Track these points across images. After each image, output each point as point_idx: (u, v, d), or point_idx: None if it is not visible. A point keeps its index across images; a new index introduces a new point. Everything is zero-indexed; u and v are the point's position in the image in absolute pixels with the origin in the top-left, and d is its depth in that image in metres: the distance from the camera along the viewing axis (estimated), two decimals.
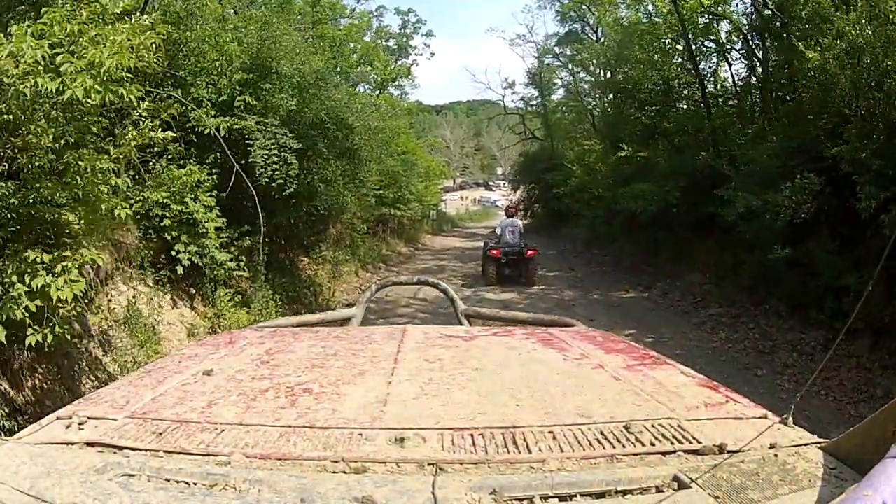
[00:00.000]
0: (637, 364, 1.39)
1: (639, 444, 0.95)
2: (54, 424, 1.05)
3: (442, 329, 1.85)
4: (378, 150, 10.21)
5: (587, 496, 0.81)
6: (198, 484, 0.82)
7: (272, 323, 2.31)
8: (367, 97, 14.93)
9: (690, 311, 9.70)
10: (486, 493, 0.80)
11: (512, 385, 1.22)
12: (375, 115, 9.77)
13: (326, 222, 11.30)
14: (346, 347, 1.55)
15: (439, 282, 2.83)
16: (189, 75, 7.43)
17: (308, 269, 10.88)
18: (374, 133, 9.46)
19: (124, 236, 7.61)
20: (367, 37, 21.67)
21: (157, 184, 6.93)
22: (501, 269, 11.49)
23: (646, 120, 14.87)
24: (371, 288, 2.96)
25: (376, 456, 0.91)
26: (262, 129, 7.03)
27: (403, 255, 17.31)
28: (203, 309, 7.81)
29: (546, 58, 26.94)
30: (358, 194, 9.79)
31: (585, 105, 23.75)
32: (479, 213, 39.13)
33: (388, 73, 19.88)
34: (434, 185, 23.03)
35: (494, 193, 50.83)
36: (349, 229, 12.79)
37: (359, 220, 12.84)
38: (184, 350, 1.71)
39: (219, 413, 1.08)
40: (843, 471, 0.86)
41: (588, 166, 20.18)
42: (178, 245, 6.96)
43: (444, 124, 54.10)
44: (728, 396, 1.19)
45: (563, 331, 1.83)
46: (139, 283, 7.49)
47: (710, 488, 0.81)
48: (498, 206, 38.90)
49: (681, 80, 13.95)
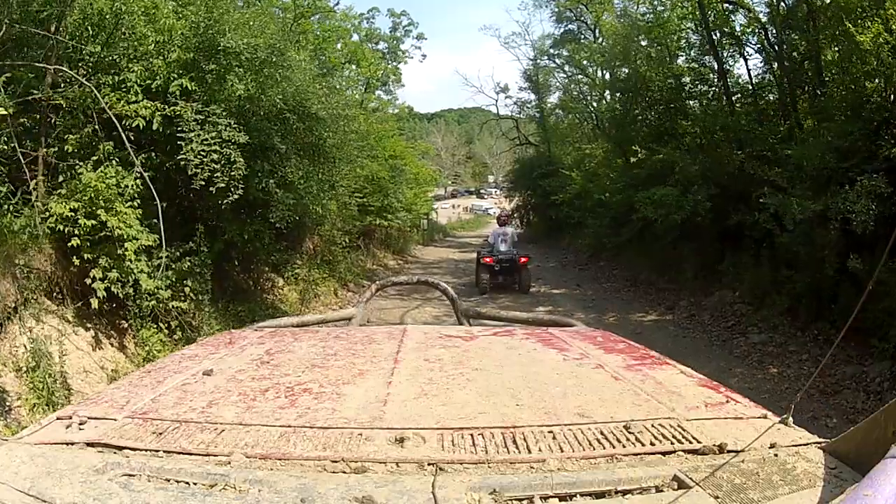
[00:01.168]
0: (637, 364, 1.37)
1: (639, 444, 0.94)
2: (54, 424, 1.05)
3: (442, 329, 1.89)
4: (351, 146, 8.60)
5: (587, 496, 0.80)
6: (198, 484, 0.82)
7: (272, 323, 2.27)
8: (346, 95, 13.40)
9: (728, 339, 8.24)
10: (486, 493, 0.79)
11: (512, 385, 1.21)
12: (344, 106, 8.12)
13: (298, 235, 9.76)
14: (346, 347, 1.54)
15: (439, 282, 2.81)
16: (117, 56, 5.89)
17: (276, 291, 9.31)
18: (345, 124, 7.88)
19: (35, 259, 6.05)
20: (356, 37, 20.37)
21: (70, 192, 5.39)
22: (495, 277, 11.46)
23: (656, 119, 13.57)
24: (371, 288, 2.88)
25: (376, 456, 0.91)
26: (201, 120, 5.48)
27: (391, 268, 15.74)
28: (135, 350, 6.23)
29: (542, 59, 25.65)
30: (325, 200, 8.19)
31: (585, 107, 22.43)
32: (471, 222, 38.19)
33: (375, 72, 18.37)
34: (424, 193, 21.51)
35: (486, 201, 50.22)
36: (329, 242, 11.22)
37: (339, 232, 11.28)
38: (184, 350, 1.67)
39: (219, 413, 1.07)
40: (843, 471, 0.85)
41: (589, 172, 18.90)
42: (95, 270, 5.39)
43: (434, 132, 53.80)
44: (728, 396, 1.18)
45: (563, 331, 1.82)
46: (55, 319, 5.92)
47: (710, 488, 0.80)
48: (490, 214, 38.36)
49: (697, 75, 12.59)
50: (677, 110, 13.14)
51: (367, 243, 14.91)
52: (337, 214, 10.67)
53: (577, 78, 23.77)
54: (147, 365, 1.55)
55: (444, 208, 41.01)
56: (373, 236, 15.73)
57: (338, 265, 11.19)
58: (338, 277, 11.11)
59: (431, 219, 28.88)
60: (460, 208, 45.27)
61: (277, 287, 9.66)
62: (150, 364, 1.52)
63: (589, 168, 19.09)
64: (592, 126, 23.06)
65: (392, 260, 17.10)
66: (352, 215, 12.24)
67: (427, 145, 28.06)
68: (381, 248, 17.13)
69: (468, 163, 61.25)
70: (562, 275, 14.55)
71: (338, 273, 11.12)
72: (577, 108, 22.55)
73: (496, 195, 52.70)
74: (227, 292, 7.34)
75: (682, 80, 13.08)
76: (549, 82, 25.51)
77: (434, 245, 25.26)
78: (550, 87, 25.75)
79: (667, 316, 9.58)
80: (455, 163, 58.34)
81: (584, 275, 14.28)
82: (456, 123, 63.88)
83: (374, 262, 15.20)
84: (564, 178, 20.03)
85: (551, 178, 21.83)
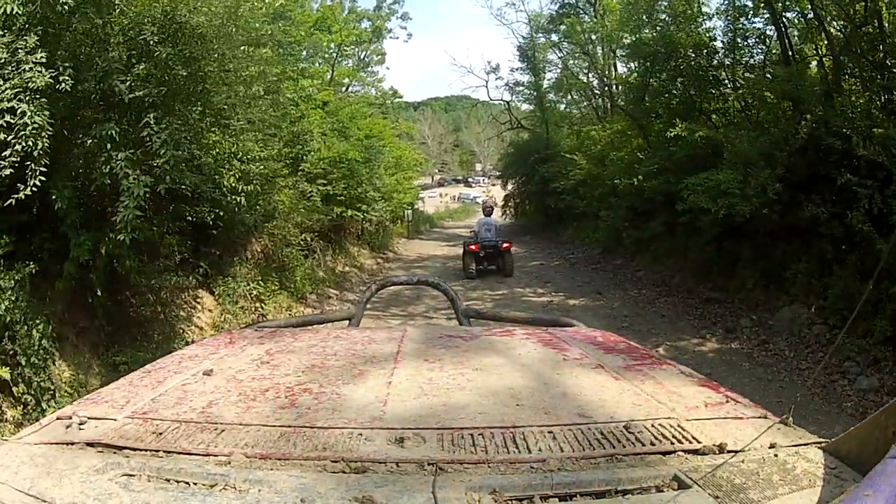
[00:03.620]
0: (637, 364, 1.36)
1: (639, 444, 0.93)
2: (54, 424, 1.04)
3: (442, 329, 1.90)
4: (259, 98, 5.76)
5: (587, 496, 0.80)
6: (198, 484, 0.82)
7: (272, 323, 2.23)
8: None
9: (827, 384, 5.90)
10: (486, 493, 0.79)
11: (512, 385, 1.20)
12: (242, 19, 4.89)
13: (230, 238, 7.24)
14: (346, 347, 1.52)
15: (439, 282, 2.70)
16: None
17: (197, 317, 6.77)
18: (247, 55, 5.11)
19: None
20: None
21: None
22: (480, 262, 12.33)
23: (685, 91, 11.18)
24: (371, 287, 2.75)
25: (376, 456, 0.90)
26: None
27: (368, 270, 13.19)
28: None
29: (538, 36, 22.96)
30: (231, 182, 5.54)
31: (588, 83, 20.01)
32: (459, 211, 36.00)
33: (347, 36, 15.60)
34: (408, 180, 18.92)
35: (475, 190, 48.73)
36: (283, 243, 8.68)
37: (296, 230, 8.73)
38: (184, 350, 1.63)
39: (219, 413, 1.07)
40: (843, 471, 0.85)
41: (596, 155, 16.51)
42: None
43: (421, 119, 53.03)
44: (728, 396, 1.16)
45: (563, 331, 1.80)
46: None
47: (710, 488, 0.80)
48: (479, 202, 36.00)
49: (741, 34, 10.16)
50: (712, 79, 10.79)
51: (338, 240, 12.34)
52: (289, 207, 8.12)
53: (576, 52, 21.21)
54: (147, 365, 1.46)
55: (432, 197, 40.01)
56: (346, 231, 13.16)
57: (293, 272, 8.63)
58: (293, 289, 8.57)
59: (417, 209, 26.36)
60: (448, 197, 43.58)
61: (205, 308, 7.11)
62: (150, 364, 1.45)
63: (595, 151, 16.69)
64: (595, 106, 20.78)
65: (370, 258, 14.56)
66: (314, 207, 9.68)
67: (409, 125, 25.22)
68: (357, 244, 14.59)
69: (455, 151, 61.19)
70: (573, 277, 12.11)
71: (293, 283, 8.57)
72: (578, 84, 20.09)
73: (484, 183, 51.43)
74: (104, 333, 4.79)
75: (718, 43, 10.74)
76: (548, 58, 22.93)
77: (420, 238, 22.77)
78: (548, 65, 23.16)
79: (731, 342, 7.22)
80: (442, 151, 57.76)
81: (601, 278, 11.83)
82: (443, 112, 64.51)
83: (347, 263, 12.63)
84: (565, 163, 17.74)
85: (550, 164, 19.47)
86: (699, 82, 10.99)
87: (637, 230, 11.50)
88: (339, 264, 11.94)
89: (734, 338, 7.35)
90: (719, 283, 9.05)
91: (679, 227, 9.89)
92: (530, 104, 25.24)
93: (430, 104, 63.34)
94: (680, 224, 9.38)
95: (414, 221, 23.48)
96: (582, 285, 11.00)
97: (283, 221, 8.56)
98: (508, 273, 12.17)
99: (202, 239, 7.27)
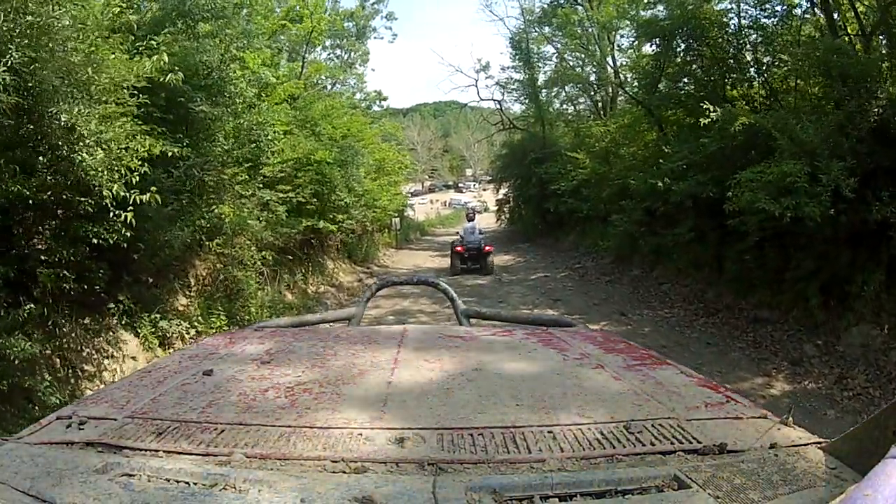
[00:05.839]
0: (637, 364, 1.35)
1: (639, 444, 0.92)
2: (54, 424, 1.03)
3: (442, 329, 1.88)
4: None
5: (587, 496, 0.79)
6: (198, 484, 0.81)
7: (272, 323, 2.20)
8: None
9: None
10: (486, 493, 0.78)
11: (512, 385, 1.19)
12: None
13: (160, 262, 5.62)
14: (346, 347, 1.51)
15: (439, 282, 2.64)
16: None
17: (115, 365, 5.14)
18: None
19: None
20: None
21: None
22: (465, 262, 13.68)
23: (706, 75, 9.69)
24: (371, 287, 2.74)
25: (376, 456, 0.89)
26: None
27: (348, 288, 11.49)
28: None
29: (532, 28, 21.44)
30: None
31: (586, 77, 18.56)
32: (450, 217, 34.36)
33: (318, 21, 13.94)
34: (394, 186, 17.29)
35: (465, 195, 47.38)
36: (235, 265, 7.03)
37: (251, 248, 7.09)
38: (184, 350, 1.65)
39: (219, 413, 1.05)
40: (843, 471, 0.84)
41: (600, 152, 15.01)
42: None
43: (410, 126, 51.60)
44: (728, 396, 1.15)
45: (563, 331, 1.79)
46: None
47: (710, 488, 0.79)
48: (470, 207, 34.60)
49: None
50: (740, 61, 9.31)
51: (311, 256, 10.66)
52: (237, 221, 6.48)
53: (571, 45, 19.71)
54: (147, 365, 1.43)
55: (422, 203, 38.61)
56: (322, 245, 11.51)
57: (248, 302, 6.97)
58: (248, 321, 6.92)
59: (407, 216, 24.72)
60: (438, 203, 42.33)
61: (126, 356, 5.47)
62: (150, 364, 1.43)
63: (598, 148, 15.18)
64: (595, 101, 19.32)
65: (351, 274, 12.89)
66: (278, 220, 8.04)
67: (395, 125, 23.50)
68: (338, 258, 12.94)
69: (445, 156, 60.24)
70: (586, 292, 10.46)
71: (247, 314, 6.89)
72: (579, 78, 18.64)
73: (475, 188, 50.32)
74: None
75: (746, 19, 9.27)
76: (542, 52, 21.44)
77: (409, 247, 21.14)
78: (543, 59, 21.66)
79: (802, 380, 5.65)
80: (432, 157, 56.77)
81: (619, 293, 10.21)
82: (432, 117, 63.53)
83: (323, 282, 10.94)
84: (566, 162, 16.24)
85: (548, 164, 17.96)
86: (722, 64, 9.55)
87: (656, 236, 9.97)
88: (312, 284, 10.26)
89: (804, 372, 5.78)
90: (765, 300, 7.50)
91: (711, 234, 8.39)
92: (523, 102, 23.72)
93: (419, 109, 62.03)
94: (716, 229, 7.86)
95: (403, 230, 21.84)
96: (599, 303, 9.37)
97: (234, 238, 6.92)
98: (490, 272, 13.56)
99: (123, 264, 5.65)
